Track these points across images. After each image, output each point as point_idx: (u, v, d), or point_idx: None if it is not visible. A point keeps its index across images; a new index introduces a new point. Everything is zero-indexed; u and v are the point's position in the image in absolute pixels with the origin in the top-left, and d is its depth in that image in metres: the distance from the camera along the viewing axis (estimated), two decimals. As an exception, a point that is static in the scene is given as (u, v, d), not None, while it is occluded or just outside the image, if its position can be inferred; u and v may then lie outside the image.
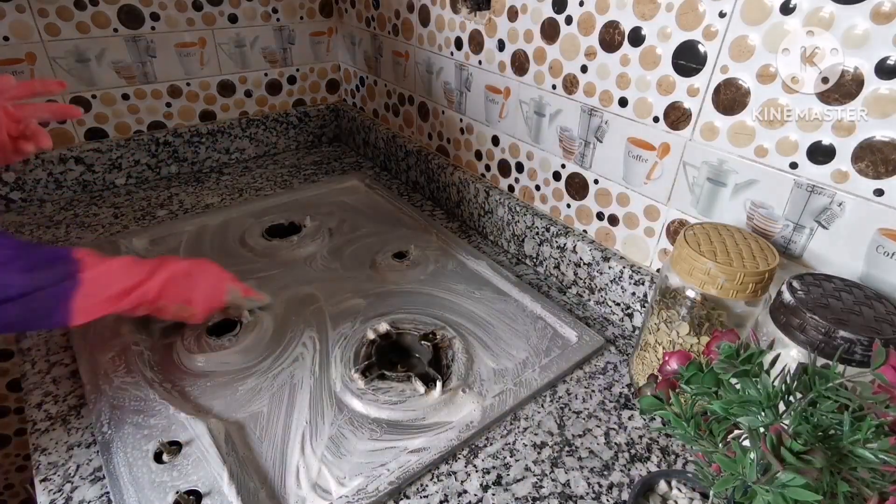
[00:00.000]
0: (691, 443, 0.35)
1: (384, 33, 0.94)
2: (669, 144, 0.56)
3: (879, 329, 0.37)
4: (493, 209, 0.81)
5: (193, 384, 0.55)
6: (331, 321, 0.64)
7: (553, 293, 0.72)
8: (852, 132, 0.43)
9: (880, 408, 0.29)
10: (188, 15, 0.91)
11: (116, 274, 0.50)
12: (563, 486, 0.47)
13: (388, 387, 0.55)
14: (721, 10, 0.48)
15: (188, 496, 0.44)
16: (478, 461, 0.49)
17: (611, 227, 0.66)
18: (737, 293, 0.45)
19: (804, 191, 0.47)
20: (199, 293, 0.56)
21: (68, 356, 0.58)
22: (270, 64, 1.04)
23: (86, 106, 0.87)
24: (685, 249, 0.47)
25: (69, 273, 0.47)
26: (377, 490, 0.45)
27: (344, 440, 0.50)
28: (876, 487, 0.29)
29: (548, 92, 0.67)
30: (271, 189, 0.96)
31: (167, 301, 0.53)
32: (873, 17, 0.40)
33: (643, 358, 0.55)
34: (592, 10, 0.59)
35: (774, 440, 0.29)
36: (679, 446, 0.51)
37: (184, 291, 0.55)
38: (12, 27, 0.77)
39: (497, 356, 0.60)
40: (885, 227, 0.43)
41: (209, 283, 0.58)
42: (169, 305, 0.54)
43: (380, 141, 1.04)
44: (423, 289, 0.70)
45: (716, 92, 0.51)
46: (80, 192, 0.91)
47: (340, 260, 0.76)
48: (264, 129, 1.07)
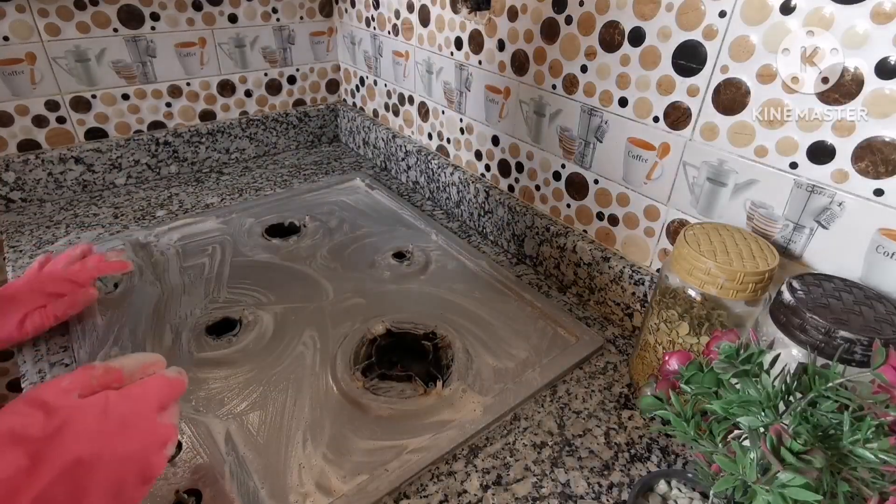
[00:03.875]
0: (691, 443, 0.35)
1: (384, 33, 0.94)
2: (669, 144, 0.56)
3: (879, 329, 0.37)
4: (493, 209, 0.81)
5: (193, 383, 0.55)
6: (331, 321, 0.64)
7: (553, 293, 0.72)
8: (852, 132, 0.43)
9: (880, 408, 0.29)
10: (188, 15, 0.91)
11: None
12: (563, 486, 0.47)
13: (388, 387, 0.55)
14: (721, 9, 0.48)
15: (188, 496, 0.44)
16: (478, 461, 0.49)
17: (611, 227, 0.66)
18: (737, 293, 0.45)
19: (804, 191, 0.47)
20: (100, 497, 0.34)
21: (68, 356, 0.58)
22: (270, 64, 1.04)
23: (86, 106, 0.87)
24: (685, 249, 0.47)
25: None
26: (377, 489, 0.45)
27: (344, 440, 0.50)
28: (876, 487, 0.29)
29: (548, 92, 0.67)
30: (271, 189, 0.96)
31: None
32: (873, 17, 0.40)
33: (643, 358, 0.55)
34: (592, 10, 0.59)
35: (774, 440, 0.29)
36: (679, 446, 0.51)
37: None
38: (12, 27, 0.77)
39: (497, 356, 0.60)
40: (885, 227, 0.43)
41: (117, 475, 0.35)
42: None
43: (380, 141, 1.04)
44: (423, 289, 0.70)
45: (716, 92, 0.51)
46: (80, 192, 0.91)
47: (340, 260, 0.76)
48: (264, 129, 1.07)
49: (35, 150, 0.85)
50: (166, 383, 0.40)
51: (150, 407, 0.38)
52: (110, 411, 0.36)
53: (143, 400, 0.39)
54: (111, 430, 0.36)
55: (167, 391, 0.40)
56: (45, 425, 0.33)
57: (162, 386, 0.40)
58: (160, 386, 0.40)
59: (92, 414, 0.35)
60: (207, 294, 0.68)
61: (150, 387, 0.40)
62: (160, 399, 0.39)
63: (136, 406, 0.38)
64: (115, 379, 0.39)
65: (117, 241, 0.76)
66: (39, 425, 0.33)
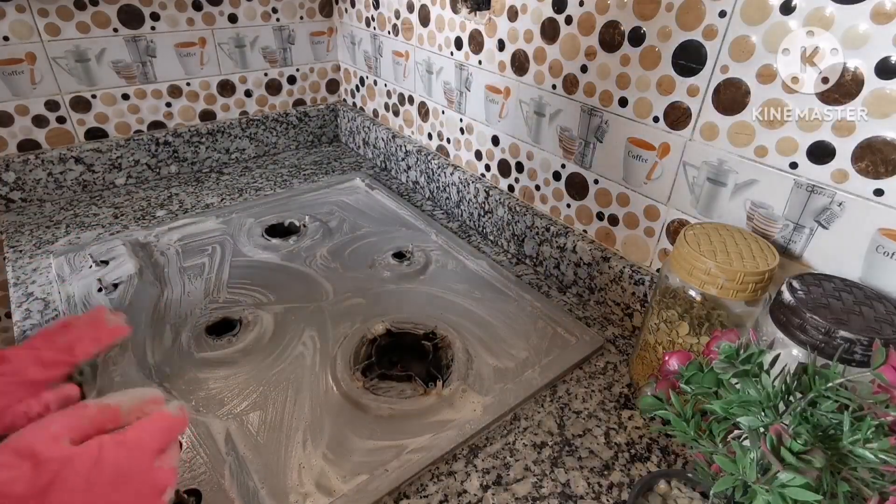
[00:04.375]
0: (691, 443, 0.35)
1: (384, 33, 0.94)
2: (669, 144, 0.56)
3: (879, 329, 0.37)
4: (493, 209, 0.81)
5: (193, 383, 0.55)
6: (331, 321, 0.64)
7: (553, 293, 0.72)
8: (852, 132, 0.43)
9: (880, 408, 0.29)
10: (188, 15, 0.91)
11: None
12: (563, 486, 0.47)
13: (388, 387, 0.55)
14: (721, 9, 0.48)
15: (188, 496, 0.44)
16: (478, 461, 0.49)
17: (611, 227, 0.66)
18: (737, 293, 0.45)
19: (804, 191, 0.47)
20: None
21: (68, 356, 0.58)
22: (270, 64, 1.04)
23: (86, 106, 0.87)
24: (685, 249, 0.47)
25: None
26: (377, 489, 0.45)
27: (344, 439, 0.50)
28: (876, 487, 0.29)
29: (548, 92, 0.67)
30: (271, 189, 0.96)
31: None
32: (873, 17, 0.40)
33: (643, 358, 0.55)
34: (592, 10, 0.59)
35: (774, 440, 0.29)
36: (679, 446, 0.51)
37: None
38: (12, 27, 0.77)
39: (497, 356, 0.60)
40: (885, 227, 0.43)
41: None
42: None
43: (380, 141, 1.04)
44: (423, 289, 0.70)
45: (716, 92, 0.51)
46: (80, 192, 0.91)
47: (340, 260, 0.76)
48: (264, 129, 1.07)
49: (35, 150, 0.85)
50: (166, 425, 0.38)
51: (147, 454, 0.36)
52: (104, 461, 0.34)
53: (139, 447, 0.36)
54: (105, 482, 0.33)
55: (166, 434, 0.37)
56: (33, 481, 0.31)
57: (161, 429, 0.37)
58: (160, 429, 0.37)
59: (84, 466, 0.33)
60: (207, 294, 0.68)
61: (149, 430, 0.37)
62: (159, 443, 0.37)
63: (133, 454, 0.35)
64: (110, 419, 0.36)
65: (117, 241, 0.76)
66: (26, 481, 0.31)
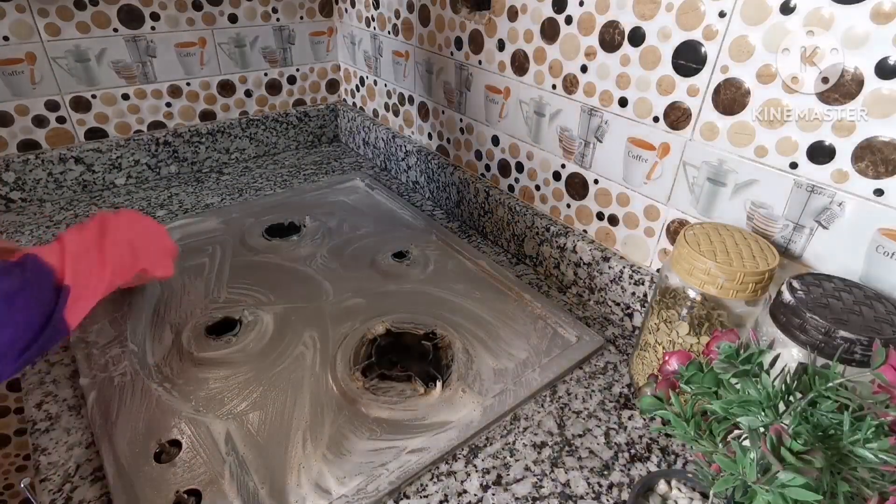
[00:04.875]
0: (691, 443, 0.35)
1: (384, 33, 0.94)
2: (669, 144, 0.56)
3: (879, 329, 0.37)
4: (493, 209, 0.81)
5: (193, 383, 0.55)
6: (331, 321, 0.64)
7: (553, 293, 0.72)
8: (852, 132, 0.43)
9: (880, 408, 0.29)
10: (188, 15, 0.91)
11: (84, 264, 0.49)
12: (563, 486, 0.47)
13: (388, 387, 0.55)
14: (721, 9, 0.48)
15: (188, 496, 0.44)
16: (478, 461, 0.49)
17: (611, 227, 0.66)
18: (737, 293, 0.45)
19: (804, 191, 0.47)
20: (149, 259, 0.56)
21: (68, 356, 0.58)
22: (270, 64, 1.04)
23: (86, 106, 0.87)
24: (685, 249, 0.47)
25: (54, 286, 0.45)
26: (377, 490, 0.45)
27: (344, 440, 0.50)
28: (876, 487, 0.29)
29: (548, 92, 0.67)
30: (271, 189, 0.96)
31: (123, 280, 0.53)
32: (873, 17, 0.40)
33: (643, 358, 0.55)
34: (592, 10, 0.59)
35: (774, 440, 0.29)
36: (679, 446, 0.51)
37: (135, 263, 0.55)
38: (12, 27, 0.77)
39: (497, 356, 0.60)
40: (885, 227, 0.43)
41: (153, 244, 0.58)
42: (128, 281, 0.54)
43: (380, 141, 1.04)
44: (423, 289, 0.70)
45: (716, 92, 0.51)
46: (80, 192, 0.91)
47: (340, 260, 0.76)
48: (264, 129, 1.07)
49: (35, 150, 0.85)
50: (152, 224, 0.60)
51: (156, 224, 0.59)
52: (134, 219, 0.57)
53: (149, 221, 0.59)
54: (138, 232, 0.56)
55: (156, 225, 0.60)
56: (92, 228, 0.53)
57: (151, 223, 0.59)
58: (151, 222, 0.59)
59: (120, 219, 0.54)
60: (207, 294, 0.68)
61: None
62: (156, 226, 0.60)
63: (147, 222, 0.58)
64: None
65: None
66: (93, 229, 0.53)
